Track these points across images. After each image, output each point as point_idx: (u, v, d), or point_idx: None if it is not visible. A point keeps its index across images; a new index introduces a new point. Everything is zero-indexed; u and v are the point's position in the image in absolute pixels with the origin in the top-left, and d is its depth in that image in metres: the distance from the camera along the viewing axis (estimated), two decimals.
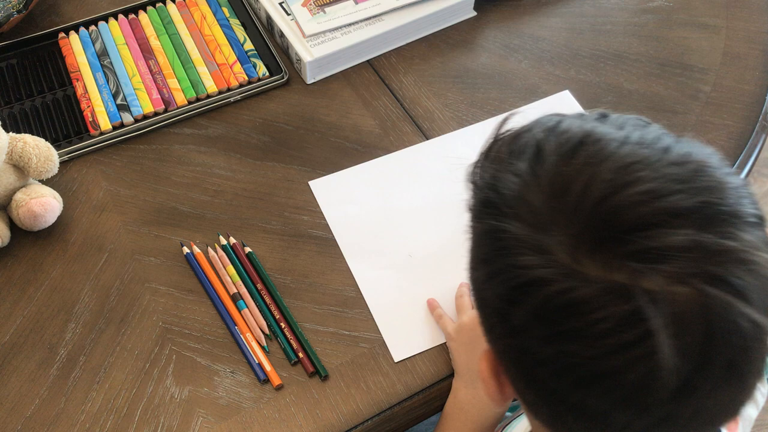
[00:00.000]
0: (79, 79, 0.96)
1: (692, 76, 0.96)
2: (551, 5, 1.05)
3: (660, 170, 0.41)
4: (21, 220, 0.82)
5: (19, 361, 0.75)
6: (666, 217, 0.40)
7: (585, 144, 0.44)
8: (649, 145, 0.43)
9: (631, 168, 0.42)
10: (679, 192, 0.41)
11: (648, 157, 0.42)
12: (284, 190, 0.87)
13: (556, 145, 0.45)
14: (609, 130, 0.45)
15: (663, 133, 0.46)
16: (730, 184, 0.42)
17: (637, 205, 0.40)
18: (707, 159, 0.44)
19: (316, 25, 0.98)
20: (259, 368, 0.74)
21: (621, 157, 0.42)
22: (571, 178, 0.43)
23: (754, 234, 0.41)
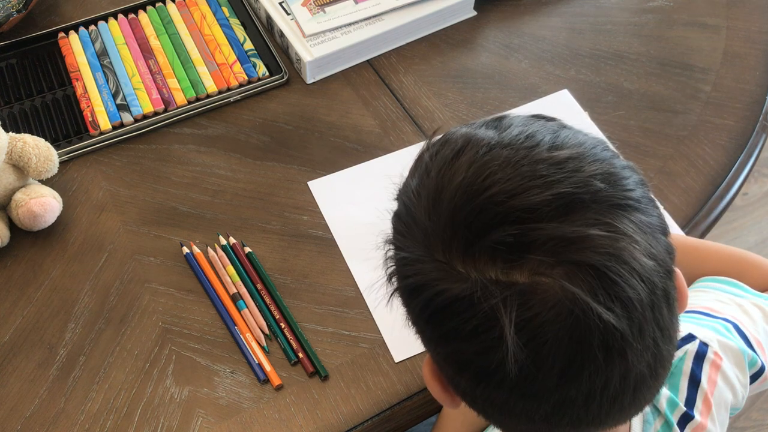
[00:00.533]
0: (78, 78, 0.96)
1: (692, 76, 0.96)
2: (551, 5, 1.05)
3: (518, 169, 0.44)
4: (21, 220, 0.81)
5: (18, 361, 0.75)
6: (520, 213, 0.42)
7: (460, 155, 0.46)
8: (518, 144, 0.45)
9: (489, 171, 0.44)
10: (532, 188, 0.42)
11: (509, 157, 0.44)
12: (284, 190, 0.87)
13: (437, 160, 0.48)
14: (488, 135, 0.47)
15: (546, 128, 0.47)
16: (592, 172, 0.44)
17: (493, 206, 0.43)
18: (578, 149, 0.45)
19: (316, 24, 0.98)
20: (259, 368, 0.74)
21: (484, 162, 0.45)
22: (441, 188, 0.46)
23: (629, 219, 0.43)
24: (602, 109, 0.93)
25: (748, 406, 1.50)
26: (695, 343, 0.62)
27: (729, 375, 0.61)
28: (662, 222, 0.47)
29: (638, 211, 0.44)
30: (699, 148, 0.89)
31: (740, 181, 0.88)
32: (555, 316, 0.41)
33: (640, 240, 0.43)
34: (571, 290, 0.40)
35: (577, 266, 0.41)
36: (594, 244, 0.41)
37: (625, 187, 0.44)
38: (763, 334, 0.66)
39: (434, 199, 0.46)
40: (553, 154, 0.44)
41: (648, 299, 0.43)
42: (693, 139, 0.90)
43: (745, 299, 0.68)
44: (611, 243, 0.41)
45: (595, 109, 0.93)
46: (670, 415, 0.59)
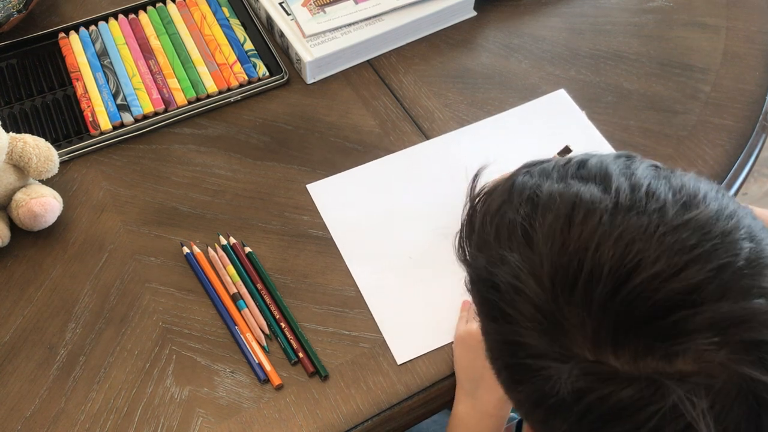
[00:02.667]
0: (79, 79, 0.96)
1: (692, 76, 0.96)
2: (551, 5, 1.05)
3: (662, 242, 0.39)
4: (21, 220, 0.82)
5: (19, 361, 0.75)
6: (682, 296, 0.38)
7: (574, 223, 0.41)
8: (643, 207, 0.40)
9: (633, 248, 0.39)
10: (687, 265, 0.38)
11: (645, 227, 0.39)
12: (284, 190, 0.87)
13: (542, 229, 0.42)
14: (595, 195, 0.42)
15: (653, 176, 0.42)
16: (738, 230, 0.40)
17: (649, 293, 0.38)
18: (706, 206, 0.40)
19: (316, 25, 0.98)
20: (259, 368, 0.74)
21: (618, 235, 0.39)
22: (571, 270, 0.40)
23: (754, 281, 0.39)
24: (602, 109, 0.93)
25: None
26: None
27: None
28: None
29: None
30: (699, 149, 0.89)
31: (740, 181, 0.88)
32: (734, 400, 0.37)
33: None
34: (747, 373, 0.37)
35: (744, 344, 0.37)
36: (760, 319, 0.37)
37: (766, 239, 0.40)
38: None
39: (568, 284, 0.40)
40: (688, 216, 0.39)
41: None
42: (693, 139, 0.90)
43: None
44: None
45: (595, 109, 0.93)
46: None
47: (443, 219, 0.84)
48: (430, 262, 0.81)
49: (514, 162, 0.83)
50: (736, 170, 0.88)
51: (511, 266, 0.43)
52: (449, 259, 0.81)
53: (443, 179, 0.87)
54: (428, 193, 0.86)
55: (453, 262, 0.83)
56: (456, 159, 0.89)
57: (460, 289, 0.79)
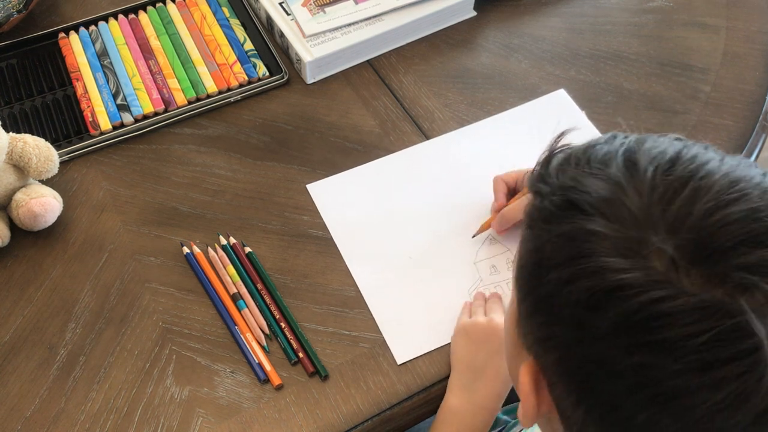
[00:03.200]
0: (79, 79, 0.96)
1: (692, 76, 0.96)
2: (551, 5, 1.05)
3: (766, 192, 0.41)
4: (21, 220, 0.82)
5: (19, 361, 0.75)
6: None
7: (681, 159, 0.43)
8: (746, 165, 0.43)
9: (737, 185, 0.41)
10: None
11: (752, 176, 0.42)
12: (284, 190, 0.87)
13: (648, 157, 0.44)
14: (698, 150, 0.44)
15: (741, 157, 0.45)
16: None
17: (744, 223, 0.40)
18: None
19: (316, 25, 0.98)
20: (259, 368, 0.74)
21: (724, 173, 0.42)
22: (675, 187, 0.42)
23: None
24: (602, 109, 0.93)
25: None
26: None
27: None
28: None
29: None
30: None
31: None
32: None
33: None
34: None
35: None
36: None
37: None
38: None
39: (666, 198, 0.41)
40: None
41: None
42: (693, 139, 0.89)
43: None
44: None
45: (595, 110, 0.93)
46: None
47: (443, 219, 0.84)
48: (430, 262, 0.81)
49: (514, 162, 0.84)
50: None
51: (608, 177, 0.44)
52: (449, 259, 0.81)
53: (443, 179, 0.87)
54: (428, 193, 0.86)
55: (453, 262, 0.83)
56: (456, 159, 0.89)
57: (460, 289, 0.79)
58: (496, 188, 0.82)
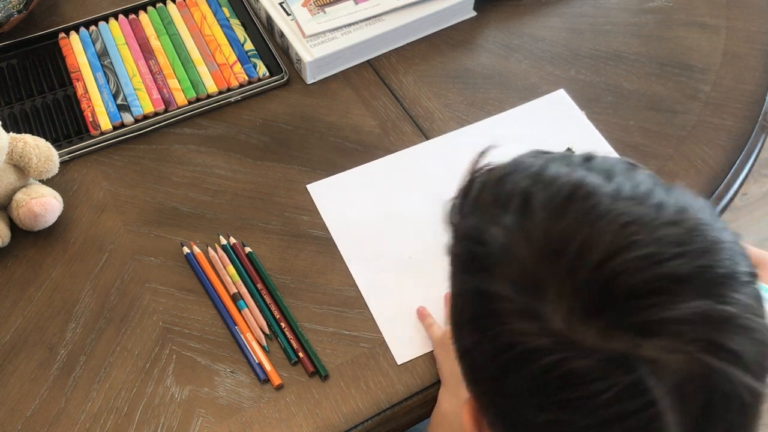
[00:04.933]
0: (79, 79, 0.96)
1: (692, 76, 0.96)
2: (551, 5, 1.05)
3: (656, 231, 0.40)
4: (21, 220, 0.82)
5: (19, 361, 0.75)
6: (665, 283, 0.39)
7: (575, 198, 0.42)
8: (642, 200, 0.42)
9: (628, 230, 0.40)
10: (677, 256, 0.39)
11: (643, 216, 0.41)
12: (284, 190, 0.87)
13: (544, 197, 0.43)
14: (598, 182, 0.43)
15: (653, 183, 0.44)
16: (724, 243, 0.41)
17: (635, 271, 0.39)
18: (701, 215, 0.42)
19: (316, 25, 0.98)
20: (259, 368, 0.74)
21: (616, 216, 0.41)
22: (565, 237, 0.41)
23: (748, 294, 0.41)
24: (602, 109, 0.93)
25: None
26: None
27: None
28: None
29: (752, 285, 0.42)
30: (698, 149, 0.89)
31: (740, 181, 0.88)
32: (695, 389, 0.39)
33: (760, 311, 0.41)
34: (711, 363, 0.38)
35: (713, 344, 0.39)
36: (733, 325, 0.39)
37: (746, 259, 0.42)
38: None
39: (557, 251, 0.41)
40: (684, 216, 0.41)
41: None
42: (692, 139, 0.90)
43: None
44: (747, 324, 0.39)
45: (595, 109, 0.93)
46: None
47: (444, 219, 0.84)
48: (430, 262, 0.81)
49: None
50: (736, 170, 0.88)
51: (504, 227, 0.44)
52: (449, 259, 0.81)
53: (443, 179, 0.87)
54: (428, 193, 0.86)
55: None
56: (456, 159, 0.89)
57: None
58: None
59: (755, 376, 0.39)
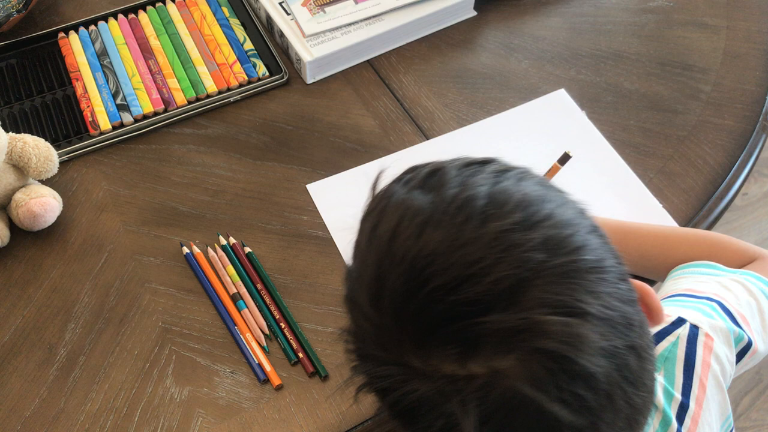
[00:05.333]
0: (78, 79, 0.96)
1: (692, 76, 0.96)
2: (551, 5, 1.05)
3: (453, 255, 0.41)
4: (21, 220, 0.81)
5: (18, 361, 0.75)
6: (463, 307, 0.40)
7: (396, 233, 0.44)
8: (451, 218, 0.43)
9: (425, 262, 0.42)
10: (470, 278, 0.40)
11: (443, 240, 0.42)
12: (284, 190, 0.87)
13: (375, 240, 0.46)
14: (422, 203, 0.44)
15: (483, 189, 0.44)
16: (529, 243, 0.41)
17: (433, 304, 0.41)
18: (514, 215, 0.42)
19: (316, 25, 0.98)
20: (259, 368, 0.74)
21: (420, 249, 0.42)
22: (381, 281, 0.43)
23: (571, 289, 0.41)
24: (602, 109, 0.93)
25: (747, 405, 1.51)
26: (686, 327, 0.62)
27: (720, 355, 0.62)
28: (618, 267, 0.45)
29: (589, 271, 0.42)
30: (699, 148, 0.89)
31: (740, 181, 0.87)
32: (515, 407, 0.40)
33: (594, 307, 0.41)
34: (530, 377, 0.39)
35: (532, 353, 0.40)
36: (545, 330, 0.39)
37: (569, 247, 0.42)
38: (746, 307, 0.66)
39: (376, 294, 0.44)
40: (483, 230, 0.41)
41: (612, 365, 0.41)
42: (693, 139, 0.90)
43: (723, 277, 0.69)
44: (563, 326, 0.40)
45: (595, 109, 0.93)
46: (668, 409, 0.59)
47: None
48: None
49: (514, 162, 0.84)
50: (736, 170, 0.88)
51: (351, 273, 0.48)
52: None
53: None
54: None
55: None
56: None
57: None
58: None
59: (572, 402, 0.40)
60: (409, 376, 0.42)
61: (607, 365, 0.41)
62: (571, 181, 0.80)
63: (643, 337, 0.45)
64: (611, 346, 0.41)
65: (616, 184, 0.86)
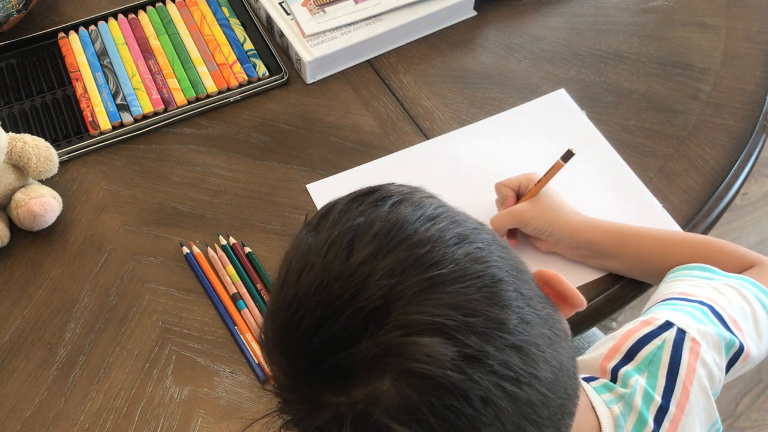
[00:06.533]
0: (78, 79, 0.96)
1: (692, 76, 0.96)
2: (551, 5, 1.05)
3: (319, 295, 0.43)
4: (20, 220, 0.81)
5: (18, 361, 0.75)
6: (329, 344, 0.42)
7: (283, 285, 0.46)
8: (321, 258, 0.45)
9: (293, 310, 0.44)
10: (329, 317, 0.42)
11: (312, 282, 0.44)
12: (284, 190, 0.87)
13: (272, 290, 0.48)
14: (305, 244, 0.47)
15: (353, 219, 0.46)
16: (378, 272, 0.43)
17: (304, 345, 0.43)
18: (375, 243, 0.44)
19: (316, 24, 0.98)
20: (258, 368, 0.74)
21: (290, 301, 0.44)
22: (273, 327, 0.46)
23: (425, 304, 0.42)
24: (602, 109, 0.93)
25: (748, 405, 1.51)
26: (673, 331, 0.62)
27: (707, 360, 0.61)
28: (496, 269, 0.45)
29: (447, 283, 0.43)
30: (699, 148, 0.89)
31: (740, 181, 0.87)
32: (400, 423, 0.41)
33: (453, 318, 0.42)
34: (401, 398, 0.41)
35: (400, 374, 0.41)
36: (403, 351, 0.41)
37: (424, 265, 0.43)
38: (739, 312, 0.66)
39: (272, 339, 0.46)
40: (346, 265, 0.43)
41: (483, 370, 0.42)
42: (693, 139, 0.90)
43: (718, 281, 0.69)
44: (415, 345, 0.41)
45: (595, 109, 0.93)
46: (645, 411, 0.59)
47: None
48: None
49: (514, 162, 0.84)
50: (736, 170, 0.88)
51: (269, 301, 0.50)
52: None
53: (443, 179, 0.87)
54: None
55: None
56: (456, 159, 0.89)
57: None
58: (504, 194, 0.80)
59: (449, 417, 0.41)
60: (311, 409, 0.44)
61: (474, 371, 0.41)
62: (572, 182, 0.80)
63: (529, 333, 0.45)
64: (477, 352, 0.42)
65: (616, 184, 0.86)
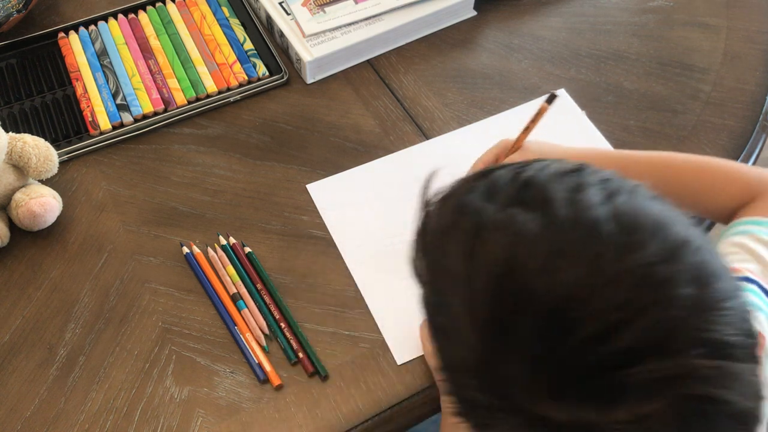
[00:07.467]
0: (78, 78, 0.96)
1: (692, 76, 0.96)
2: (551, 5, 1.05)
3: (596, 296, 0.37)
4: (20, 220, 0.81)
5: (18, 361, 0.75)
6: (615, 356, 0.37)
7: (514, 268, 0.39)
8: (579, 250, 0.38)
9: (563, 309, 0.37)
10: (619, 327, 0.37)
11: (581, 278, 0.37)
12: (284, 190, 0.87)
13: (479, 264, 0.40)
14: (532, 231, 0.39)
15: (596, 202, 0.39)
16: (679, 276, 0.37)
17: (582, 355, 0.37)
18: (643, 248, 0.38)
19: (316, 24, 0.98)
20: (258, 368, 0.74)
21: (551, 296, 0.37)
22: (507, 321, 0.39)
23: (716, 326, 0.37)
24: (602, 109, 0.93)
25: None
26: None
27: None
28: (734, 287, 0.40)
29: (722, 300, 0.38)
30: (699, 148, 0.89)
31: None
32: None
33: (735, 338, 0.37)
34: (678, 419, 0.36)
35: (682, 398, 0.36)
36: (699, 375, 0.36)
37: (710, 274, 0.38)
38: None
39: (495, 337, 0.39)
40: (622, 265, 0.37)
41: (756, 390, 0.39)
42: (693, 139, 0.90)
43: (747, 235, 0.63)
44: (716, 369, 0.36)
45: (595, 109, 0.93)
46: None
47: None
48: None
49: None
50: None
51: (453, 305, 0.42)
52: None
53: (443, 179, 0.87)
54: None
55: None
56: (456, 159, 0.89)
57: None
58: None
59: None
60: (535, 425, 0.38)
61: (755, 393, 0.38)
62: None
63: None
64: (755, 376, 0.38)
65: None
